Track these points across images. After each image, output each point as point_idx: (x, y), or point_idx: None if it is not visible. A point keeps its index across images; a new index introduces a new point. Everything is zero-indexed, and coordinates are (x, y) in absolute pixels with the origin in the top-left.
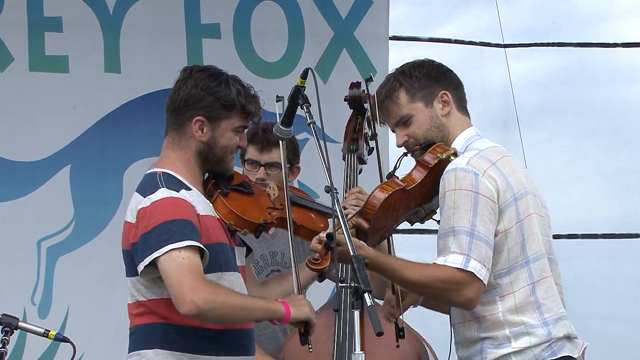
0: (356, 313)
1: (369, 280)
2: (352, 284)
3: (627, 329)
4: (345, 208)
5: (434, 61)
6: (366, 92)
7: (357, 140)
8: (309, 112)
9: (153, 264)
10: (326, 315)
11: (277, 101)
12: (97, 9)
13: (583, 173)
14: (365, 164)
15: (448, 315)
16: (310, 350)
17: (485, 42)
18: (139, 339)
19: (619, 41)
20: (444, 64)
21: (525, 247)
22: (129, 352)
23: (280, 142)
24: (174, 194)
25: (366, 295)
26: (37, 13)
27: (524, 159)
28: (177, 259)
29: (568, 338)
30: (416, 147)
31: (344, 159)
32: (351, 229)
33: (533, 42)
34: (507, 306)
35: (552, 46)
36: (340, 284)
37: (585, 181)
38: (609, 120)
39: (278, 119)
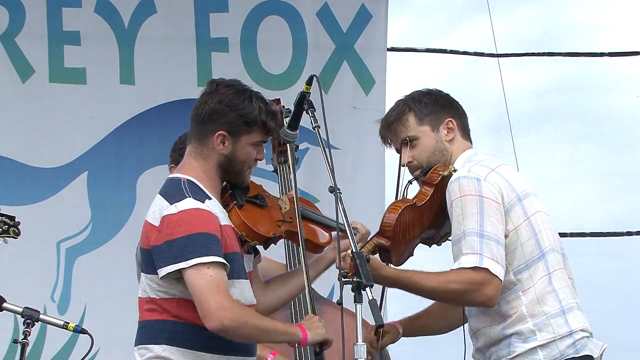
0: (358, 306)
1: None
2: (354, 279)
3: (612, 321)
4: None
5: (441, 91)
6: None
7: (285, 152)
8: (313, 116)
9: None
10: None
11: (284, 117)
12: (113, 24)
13: (572, 176)
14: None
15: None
16: None
17: (479, 52)
18: (148, 333)
19: (606, 51)
20: (450, 95)
21: (539, 241)
22: (136, 345)
23: (289, 151)
24: (200, 205)
25: (367, 289)
26: (56, 27)
27: (516, 163)
28: (206, 276)
29: (588, 336)
30: (418, 174)
31: (275, 171)
32: (373, 248)
33: (525, 52)
34: (529, 298)
35: (543, 56)
36: (343, 279)
37: (574, 184)
38: (597, 125)
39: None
